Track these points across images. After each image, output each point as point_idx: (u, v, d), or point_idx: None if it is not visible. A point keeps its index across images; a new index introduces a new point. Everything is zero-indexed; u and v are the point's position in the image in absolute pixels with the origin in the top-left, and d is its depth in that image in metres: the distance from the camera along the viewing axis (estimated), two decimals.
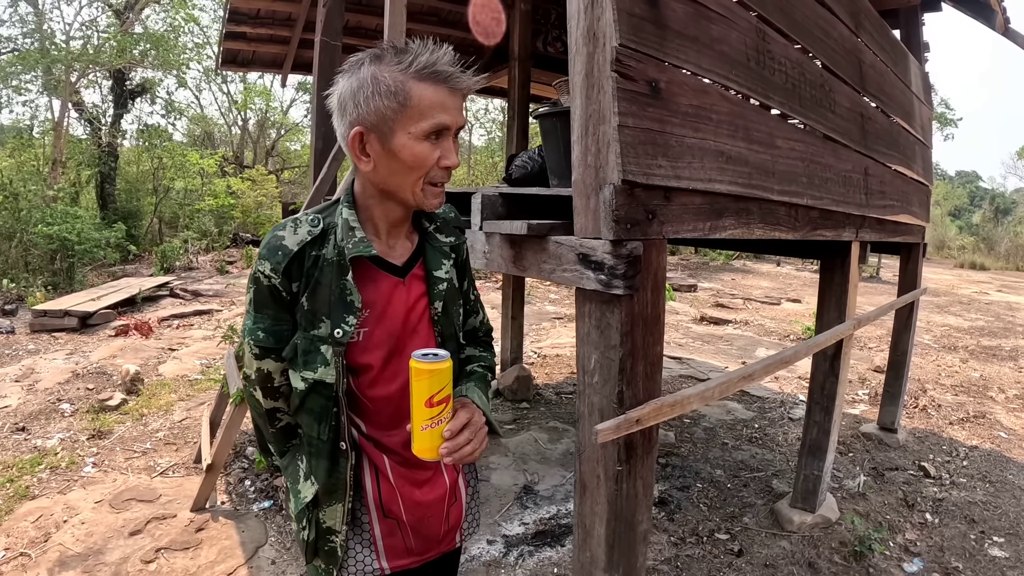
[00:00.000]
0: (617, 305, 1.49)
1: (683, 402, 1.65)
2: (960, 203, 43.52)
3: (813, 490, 3.36)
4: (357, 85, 1.17)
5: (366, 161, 1.21)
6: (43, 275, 9.95)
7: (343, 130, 1.21)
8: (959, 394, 6.15)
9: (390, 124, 1.16)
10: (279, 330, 1.26)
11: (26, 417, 4.80)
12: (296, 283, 1.23)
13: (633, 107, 1.44)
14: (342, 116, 1.21)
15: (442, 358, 1.14)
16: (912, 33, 4.43)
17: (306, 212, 1.29)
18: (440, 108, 1.17)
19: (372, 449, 1.34)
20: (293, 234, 1.23)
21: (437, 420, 1.16)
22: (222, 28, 5.61)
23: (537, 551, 3.16)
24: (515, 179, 2.47)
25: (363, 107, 1.16)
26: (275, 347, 1.27)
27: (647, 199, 1.52)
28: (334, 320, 1.22)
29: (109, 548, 3.10)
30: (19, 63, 13.00)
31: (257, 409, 1.37)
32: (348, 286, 1.22)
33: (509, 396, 5.56)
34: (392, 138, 1.17)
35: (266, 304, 1.25)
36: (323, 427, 1.27)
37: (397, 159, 1.18)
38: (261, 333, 1.26)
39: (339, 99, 1.20)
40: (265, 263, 1.21)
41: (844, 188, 2.73)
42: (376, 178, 1.24)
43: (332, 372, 1.23)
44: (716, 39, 1.74)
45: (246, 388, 1.36)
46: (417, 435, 1.17)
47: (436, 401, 1.15)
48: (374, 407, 1.31)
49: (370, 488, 1.34)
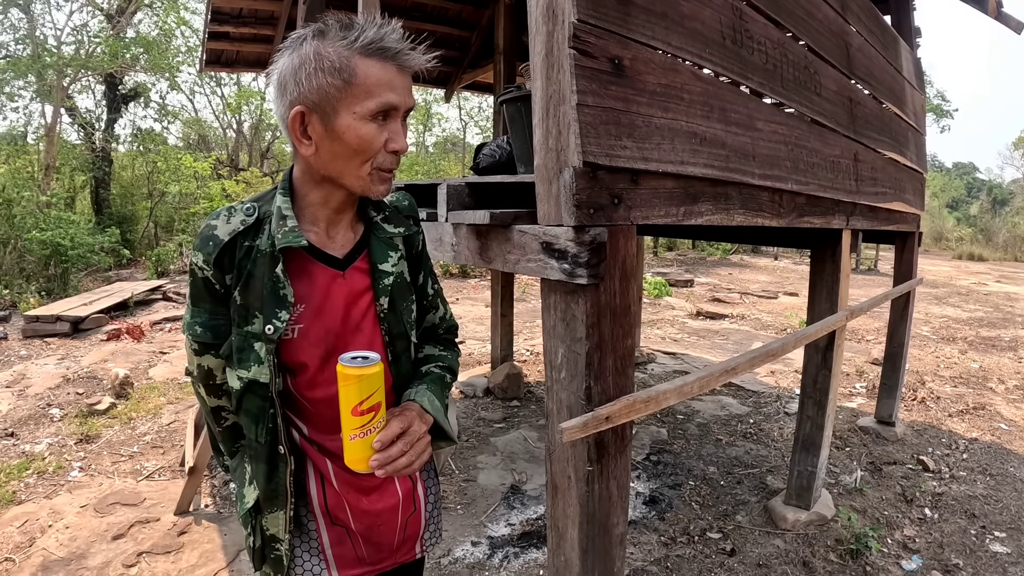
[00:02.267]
0: (582, 295, 1.41)
1: (658, 398, 1.57)
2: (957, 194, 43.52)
3: (807, 487, 3.28)
4: (299, 62, 1.08)
5: (307, 144, 1.12)
6: (37, 281, 9.90)
7: (282, 111, 1.12)
8: (958, 386, 6.07)
9: (333, 103, 1.08)
10: (216, 324, 1.19)
11: (15, 423, 4.76)
12: (229, 275, 1.16)
13: (593, 85, 1.36)
14: (282, 95, 1.12)
15: (372, 362, 1.06)
16: (903, 18, 4.36)
17: (242, 200, 1.21)
18: (387, 87, 1.09)
19: (315, 453, 1.27)
20: (226, 223, 1.16)
21: (367, 429, 1.07)
22: (204, 28, 5.54)
23: (523, 552, 3.08)
24: (483, 168, 2.39)
25: (304, 85, 1.07)
26: (213, 342, 1.20)
27: (612, 183, 1.44)
28: (266, 315, 1.14)
29: (92, 552, 3.07)
30: (11, 69, 12.93)
31: (204, 407, 1.30)
32: (280, 279, 1.14)
33: (499, 394, 5.49)
34: (335, 118, 1.09)
35: (202, 297, 1.18)
36: (260, 429, 1.20)
37: (340, 141, 1.10)
38: (199, 328, 1.19)
39: (279, 78, 1.11)
40: (198, 254, 1.15)
41: (832, 174, 2.65)
42: (318, 162, 1.14)
43: (266, 371, 1.16)
44: (687, 16, 1.66)
45: (192, 384, 1.29)
46: (347, 445, 1.09)
47: (364, 409, 1.06)
48: (314, 409, 1.24)
49: (315, 494, 1.27)
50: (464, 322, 8.86)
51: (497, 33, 5.39)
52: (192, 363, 1.24)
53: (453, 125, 30.77)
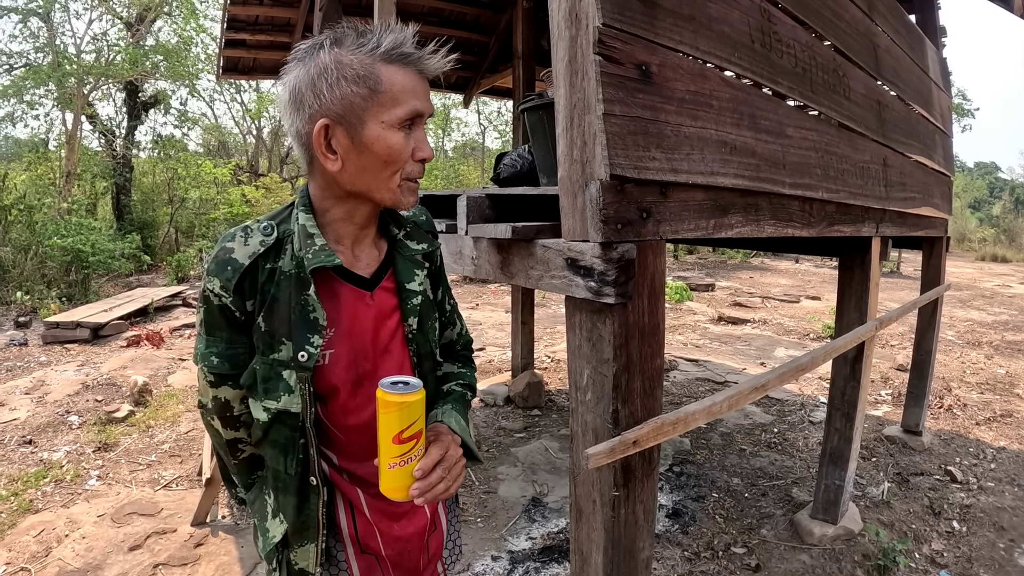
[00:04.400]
0: (609, 315, 1.35)
1: (687, 419, 1.51)
2: (980, 195, 42.91)
3: (835, 500, 3.19)
4: (317, 72, 1.02)
5: (333, 159, 1.06)
6: (58, 287, 9.99)
7: (300, 125, 1.06)
8: (985, 392, 5.93)
9: (359, 114, 1.03)
10: (234, 354, 1.12)
11: (34, 430, 4.78)
12: (250, 301, 1.09)
13: (620, 93, 1.30)
14: (298, 109, 1.05)
15: (413, 388, 1.02)
16: (928, 17, 4.25)
17: (258, 219, 1.14)
18: (412, 93, 1.05)
19: (345, 483, 1.22)
20: (243, 245, 1.09)
21: (407, 458, 1.04)
22: (221, 36, 5.55)
23: (544, 568, 3.02)
24: (504, 179, 2.33)
25: (326, 96, 1.02)
26: (231, 373, 1.13)
27: (640, 196, 1.38)
28: (296, 342, 1.08)
29: (108, 564, 3.06)
30: (32, 77, 13.10)
31: (217, 439, 1.24)
32: (310, 302, 1.09)
33: (520, 403, 5.43)
34: (363, 129, 1.03)
35: (218, 326, 1.11)
36: (290, 460, 1.15)
37: (370, 153, 1.05)
38: (215, 358, 1.12)
39: (293, 91, 1.05)
40: (214, 280, 1.07)
41: (862, 180, 2.57)
42: (344, 178, 1.08)
43: (297, 400, 1.10)
44: (715, 19, 1.59)
45: (203, 416, 1.23)
46: (385, 473, 1.04)
47: (405, 437, 1.02)
48: (345, 437, 1.19)
49: (345, 524, 1.23)
50: (484, 328, 8.81)
51: (515, 37, 5.35)
52: (207, 395, 1.17)
53: (472, 130, 30.80)
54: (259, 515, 1.24)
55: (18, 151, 19.05)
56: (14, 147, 21.72)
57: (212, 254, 1.10)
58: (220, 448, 1.25)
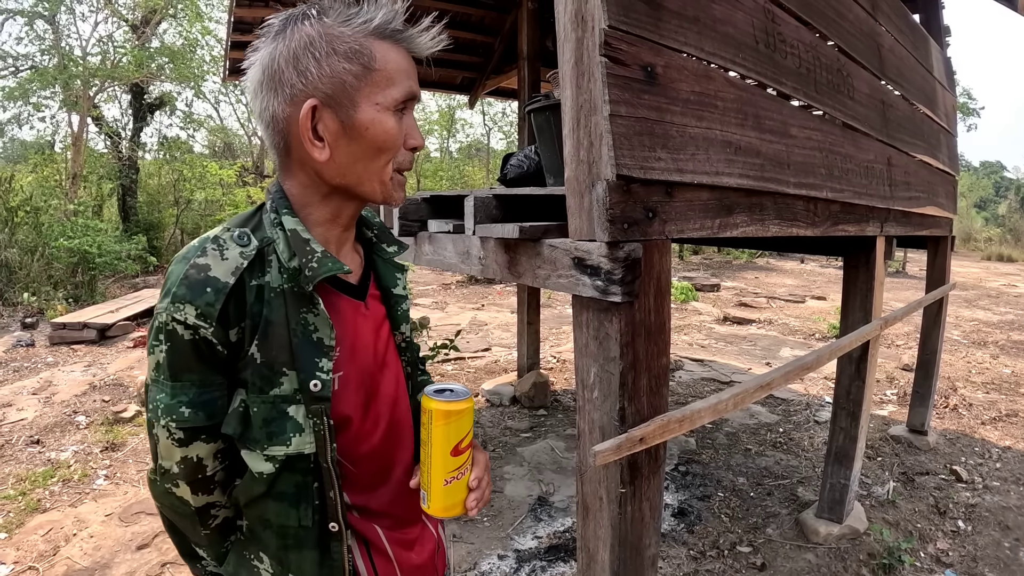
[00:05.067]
0: (616, 313, 1.36)
1: (692, 417, 1.52)
2: (985, 194, 42.81)
3: (840, 499, 3.20)
4: (300, 46, 0.89)
5: (319, 147, 0.92)
6: (65, 288, 10.04)
7: (276, 107, 0.92)
8: (990, 392, 5.92)
9: (351, 94, 0.90)
10: (210, 400, 0.92)
11: (41, 430, 4.81)
12: (235, 329, 0.90)
13: (626, 94, 1.32)
14: (275, 90, 0.91)
15: (464, 394, 0.96)
16: (932, 16, 4.25)
17: (225, 228, 0.95)
18: (406, 73, 0.94)
19: (358, 520, 1.06)
20: (221, 260, 0.90)
21: (464, 470, 0.98)
22: (227, 39, 5.57)
23: (550, 566, 3.03)
24: (511, 179, 2.35)
25: (313, 73, 0.89)
26: (207, 424, 0.92)
27: (646, 196, 1.39)
28: (302, 369, 0.92)
29: (116, 562, 3.08)
30: (38, 80, 13.17)
31: (180, 510, 0.98)
32: (311, 321, 0.94)
33: (526, 403, 5.44)
34: (355, 112, 0.91)
35: (187, 367, 0.90)
36: (304, 511, 0.97)
37: (363, 139, 0.92)
38: (185, 410, 0.90)
39: (269, 67, 0.91)
40: (185, 308, 0.87)
41: (866, 180, 2.58)
42: (332, 169, 0.94)
43: (310, 439, 0.94)
44: (719, 19, 1.61)
45: (158, 486, 0.97)
46: (438, 491, 0.97)
47: (463, 447, 0.96)
48: (357, 469, 1.03)
49: (363, 568, 1.05)
50: (489, 328, 8.83)
51: (520, 38, 5.36)
52: (170, 458, 0.93)
53: (477, 130, 30.95)
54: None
55: (24, 153, 19.20)
56: (20, 149, 21.89)
57: (175, 276, 0.89)
58: (183, 519, 1.00)
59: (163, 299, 0.89)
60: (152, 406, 0.92)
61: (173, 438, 0.91)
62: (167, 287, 0.89)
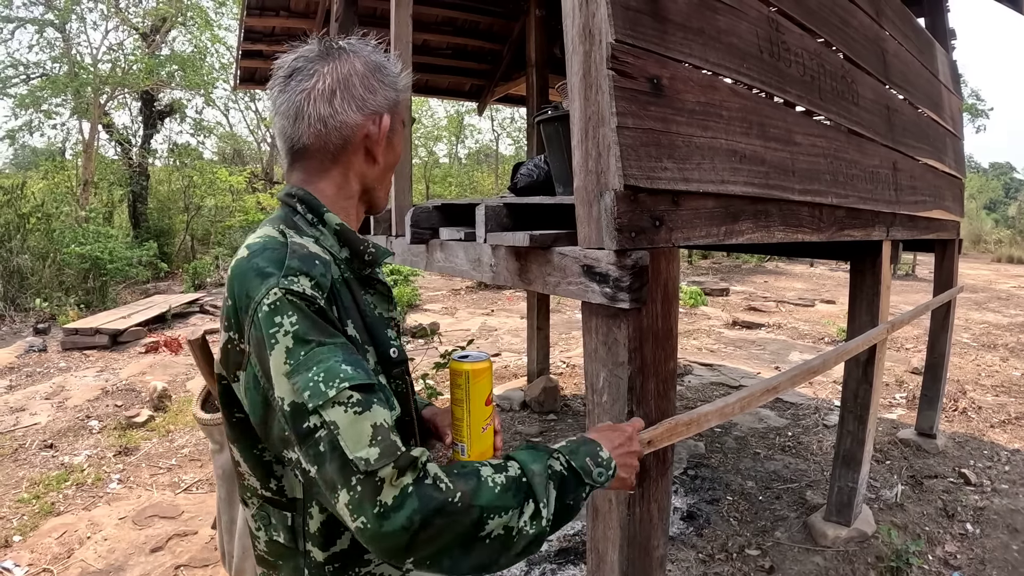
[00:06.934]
0: (624, 319, 1.40)
1: (700, 420, 1.55)
2: (995, 196, 42.57)
3: (848, 502, 3.21)
4: (366, 67, 1.03)
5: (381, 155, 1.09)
6: (76, 294, 10.14)
7: (348, 117, 1.01)
8: (1000, 395, 5.91)
9: (398, 113, 1.08)
10: (358, 359, 0.88)
11: (55, 434, 4.87)
12: (334, 306, 0.94)
13: (633, 106, 1.35)
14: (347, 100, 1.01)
15: (484, 357, 1.14)
16: (937, 20, 4.26)
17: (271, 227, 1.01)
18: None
19: None
20: (314, 244, 0.98)
21: (491, 418, 1.16)
22: (238, 47, 5.63)
23: (560, 569, 3.06)
24: (520, 188, 2.38)
25: (381, 91, 1.04)
26: (371, 382, 0.85)
27: (653, 205, 1.42)
28: (380, 343, 1.02)
29: (130, 565, 3.12)
30: (49, 87, 13.31)
31: (448, 521, 0.81)
32: (372, 300, 1.06)
33: (536, 408, 5.47)
34: (398, 128, 1.09)
35: (324, 331, 0.87)
36: None
37: (393, 152, 1.10)
38: (347, 367, 0.83)
39: (344, 80, 1.01)
40: (300, 279, 0.88)
41: (872, 184, 2.60)
42: (374, 175, 1.09)
43: (395, 403, 0.96)
44: (723, 31, 1.64)
45: (380, 517, 0.77)
46: (476, 439, 1.13)
47: (491, 398, 1.15)
48: None
49: None
50: (499, 334, 8.86)
51: (528, 46, 5.39)
52: (361, 440, 0.79)
53: (486, 136, 30.96)
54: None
55: (35, 160, 19.36)
56: (31, 156, 22.08)
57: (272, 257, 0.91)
58: (466, 533, 0.82)
59: (264, 282, 0.87)
60: (312, 390, 0.81)
61: (354, 406, 0.81)
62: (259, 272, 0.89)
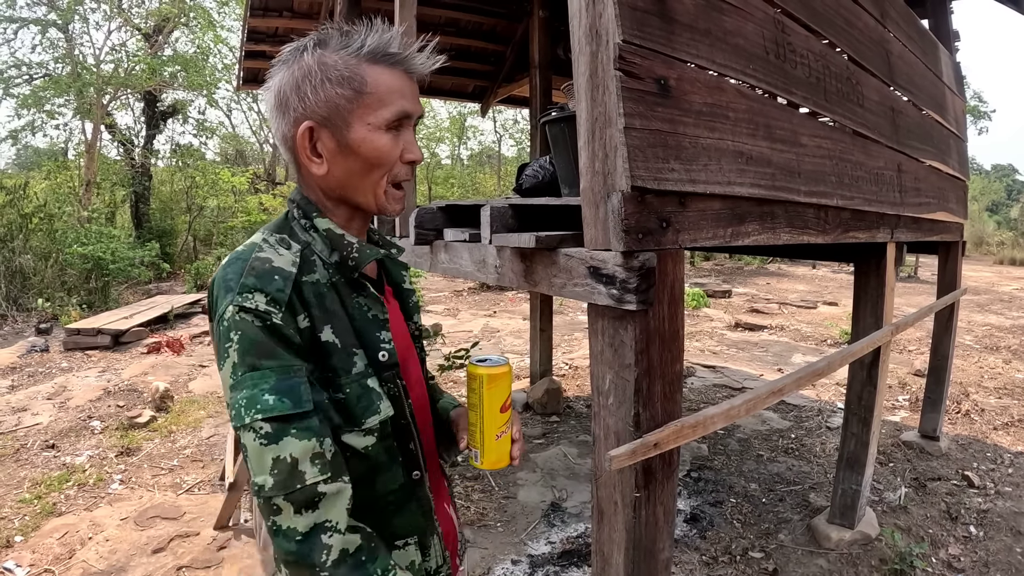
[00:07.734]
0: (631, 321, 1.39)
1: (705, 422, 1.54)
2: (997, 197, 42.55)
3: (851, 505, 3.20)
4: (301, 75, 1.00)
5: (318, 163, 1.03)
6: (79, 294, 10.14)
7: (285, 129, 1.04)
8: (1003, 397, 5.89)
9: (344, 116, 1.01)
10: (293, 386, 0.92)
11: (56, 434, 4.87)
12: (303, 315, 0.97)
13: (640, 107, 1.35)
14: (283, 113, 1.03)
15: (502, 362, 1.12)
16: (941, 22, 4.26)
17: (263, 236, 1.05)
18: (399, 94, 1.03)
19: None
20: (279, 255, 0.99)
21: (510, 423, 1.14)
22: (241, 48, 5.63)
23: (564, 571, 3.05)
24: (526, 189, 2.37)
25: (310, 99, 1.00)
26: (294, 412, 0.91)
27: (660, 206, 1.42)
28: (369, 345, 1.04)
29: (132, 566, 3.11)
30: (51, 87, 13.31)
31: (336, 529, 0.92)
32: (364, 303, 1.06)
33: (538, 409, 5.46)
34: (348, 132, 1.01)
35: (265, 353, 0.91)
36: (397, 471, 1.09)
37: (356, 156, 1.02)
38: (269, 397, 0.89)
39: (278, 94, 1.03)
40: (255, 296, 0.92)
41: (876, 186, 2.59)
42: (330, 182, 1.05)
43: (388, 404, 1.04)
44: (730, 32, 1.63)
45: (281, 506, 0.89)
46: (491, 445, 1.12)
47: (507, 405, 1.13)
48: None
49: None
50: (502, 335, 8.85)
51: (532, 47, 5.39)
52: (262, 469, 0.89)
53: (488, 138, 30.95)
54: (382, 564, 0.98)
55: (38, 160, 19.37)
56: (34, 156, 22.09)
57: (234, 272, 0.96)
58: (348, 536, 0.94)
59: (225, 296, 0.94)
60: (236, 412, 0.90)
61: (260, 437, 0.89)
62: (225, 285, 0.95)
